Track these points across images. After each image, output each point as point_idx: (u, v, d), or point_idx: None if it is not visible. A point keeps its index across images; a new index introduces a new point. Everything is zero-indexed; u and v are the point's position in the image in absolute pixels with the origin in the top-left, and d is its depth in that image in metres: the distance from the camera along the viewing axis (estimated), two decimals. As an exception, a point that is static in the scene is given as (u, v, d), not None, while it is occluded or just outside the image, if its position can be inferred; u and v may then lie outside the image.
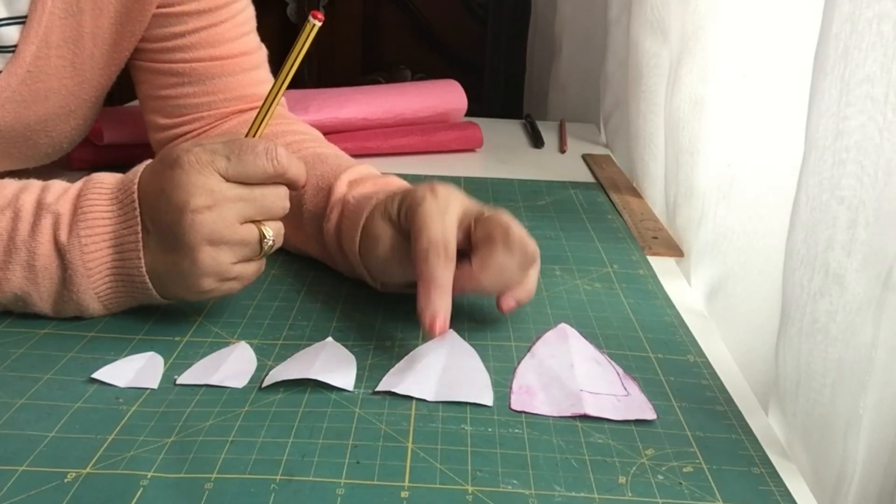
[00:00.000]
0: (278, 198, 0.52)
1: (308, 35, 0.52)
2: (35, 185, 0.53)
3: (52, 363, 0.49)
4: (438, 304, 0.49)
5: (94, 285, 0.52)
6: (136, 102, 0.78)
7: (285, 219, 0.53)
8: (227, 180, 0.50)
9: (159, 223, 0.50)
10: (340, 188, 0.60)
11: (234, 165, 0.49)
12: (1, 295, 0.52)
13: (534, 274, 0.55)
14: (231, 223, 0.49)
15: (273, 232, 0.52)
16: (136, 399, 0.46)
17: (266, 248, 0.52)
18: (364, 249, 0.56)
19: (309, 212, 0.62)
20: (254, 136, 0.54)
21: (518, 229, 0.52)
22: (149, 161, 0.53)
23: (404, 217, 0.53)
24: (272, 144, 0.51)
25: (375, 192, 0.57)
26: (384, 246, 0.54)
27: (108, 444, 0.42)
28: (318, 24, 0.51)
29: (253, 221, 0.51)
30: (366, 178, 0.61)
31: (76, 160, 0.85)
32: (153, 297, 0.53)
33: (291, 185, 0.53)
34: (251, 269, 0.52)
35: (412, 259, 0.51)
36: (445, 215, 0.51)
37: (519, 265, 0.52)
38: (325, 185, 0.61)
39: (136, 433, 0.43)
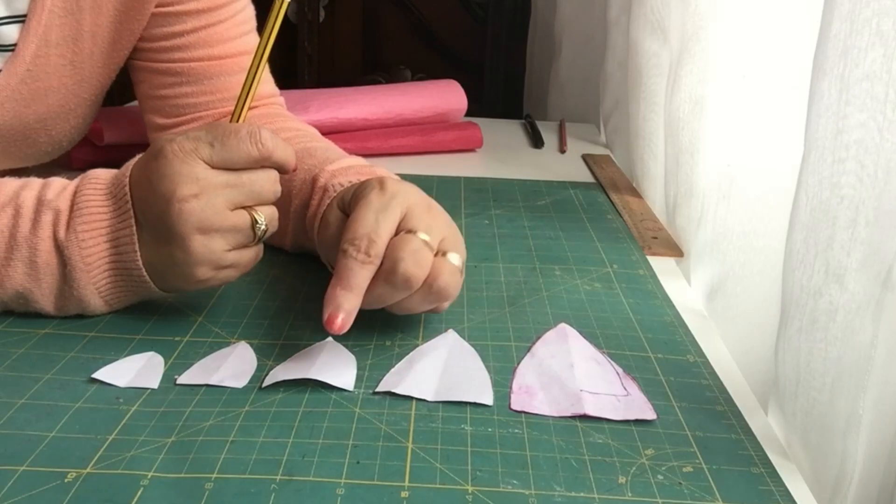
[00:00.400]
0: (268, 182, 0.51)
1: (278, 12, 0.52)
2: (35, 182, 0.53)
3: (52, 363, 0.49)
4: (342, 299, 0.47)
5: (94, 280, 0.52)
6: (136, 102, 0.78)
7: (281, 213, 0.53)
8: (213, 167, 0.49)
9: (149, 215, 0.50)
10: (323, 178, 0.60)
11: (218, 152, 0.49)
12: (3, 292, 0.52)
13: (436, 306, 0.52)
14: (220, 210, 0.49)
15: (265, 216, 0.51)
16: (137, 399, 0.46)
17: (259, 233, 0.51)
18: (318, 235, 0.56)
19: (296, 204, 0.62)
20: (237, 121, 0.53)
21: (409, 268, 0.48)
22: (140, 155, 0.53)
23: (348, 206, 0.52)
24: (255, 128, 0.50)
25: (350, 182, 0.57)
26: (331, 232, 0.53)
27: (109, 444, 0.42)
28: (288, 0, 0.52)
29: (244, 207, 0.50)
30: (349, 168, 0.61)
31: (76, 160, 0.85)
32: (152, 290, 0.53)
33: (281, 169, 0.52)
34: (247, 255, 0.52)
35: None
36: (381, 213, 0.49)
37: (421, 298, 0.50)
38: (311, 177, 0.61)
39: (136, 433, 0.43)
